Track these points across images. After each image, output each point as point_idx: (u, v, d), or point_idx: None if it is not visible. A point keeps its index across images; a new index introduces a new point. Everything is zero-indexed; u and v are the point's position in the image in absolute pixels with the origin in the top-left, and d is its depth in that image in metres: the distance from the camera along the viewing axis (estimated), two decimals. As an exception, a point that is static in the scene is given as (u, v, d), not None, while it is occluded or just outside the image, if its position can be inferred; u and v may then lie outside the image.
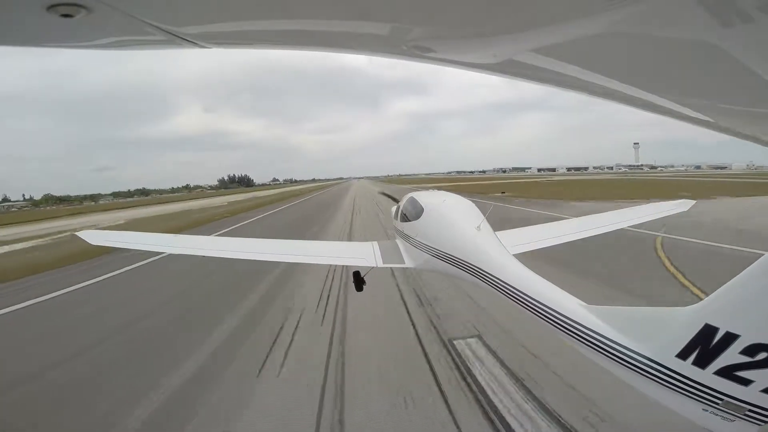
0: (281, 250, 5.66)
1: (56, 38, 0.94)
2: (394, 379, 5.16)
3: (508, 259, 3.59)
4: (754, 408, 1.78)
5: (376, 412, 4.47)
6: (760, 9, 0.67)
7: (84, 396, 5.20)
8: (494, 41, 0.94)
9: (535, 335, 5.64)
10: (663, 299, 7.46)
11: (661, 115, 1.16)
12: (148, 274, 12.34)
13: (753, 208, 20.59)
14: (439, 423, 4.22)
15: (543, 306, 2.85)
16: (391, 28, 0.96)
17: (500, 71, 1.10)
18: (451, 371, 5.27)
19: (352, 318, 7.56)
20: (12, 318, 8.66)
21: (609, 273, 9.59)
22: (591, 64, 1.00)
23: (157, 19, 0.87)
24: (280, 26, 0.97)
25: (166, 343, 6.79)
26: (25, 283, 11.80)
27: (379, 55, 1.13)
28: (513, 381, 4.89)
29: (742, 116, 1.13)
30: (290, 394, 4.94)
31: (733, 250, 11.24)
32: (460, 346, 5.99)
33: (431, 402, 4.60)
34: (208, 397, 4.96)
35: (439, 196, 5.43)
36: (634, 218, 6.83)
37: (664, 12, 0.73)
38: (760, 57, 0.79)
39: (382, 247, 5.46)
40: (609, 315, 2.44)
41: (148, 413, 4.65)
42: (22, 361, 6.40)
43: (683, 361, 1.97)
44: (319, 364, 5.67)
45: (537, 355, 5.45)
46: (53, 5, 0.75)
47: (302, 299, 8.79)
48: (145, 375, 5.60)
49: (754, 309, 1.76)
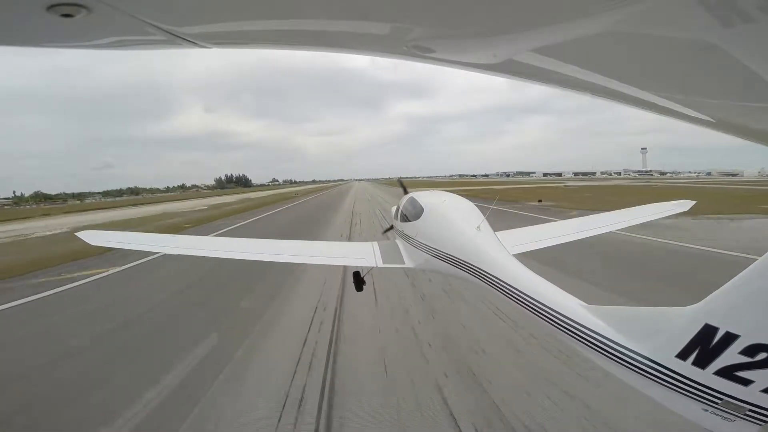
0: (281, 251, 5.66)
1: (56, 38, 0.94)
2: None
3: (508, 259, 3.59)
4: (754, 408, 1.78)
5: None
6: (760, 9, 0.67)
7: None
8: (494, 41, 0.94)
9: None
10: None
11: (662, 116, 1.16)
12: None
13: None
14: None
15: (543, 306, 2.85)
16: (392, 28, 0.96)
17: (500, 71, 1.10)
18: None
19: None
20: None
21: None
22: (591, 64, 1.00)
23: (158, 19, 0.87)
24: (280, 26, 0.97)
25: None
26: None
27: (380, 55, 1.12)
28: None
29: (743, 116, 1.13)
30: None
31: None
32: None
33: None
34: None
35: (439, 196, 5.43)
36: (635, 218, 6.82)
37: (665, 12, 0.73)
38: (760, 57, 0.79)
39: (382, 247, 5.46)
40: (609, 315, 2.44)
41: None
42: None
43: (683, 361, 1.97)
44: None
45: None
46: (53, 5, 0.75)
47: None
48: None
49: (754, 309, 1.76)
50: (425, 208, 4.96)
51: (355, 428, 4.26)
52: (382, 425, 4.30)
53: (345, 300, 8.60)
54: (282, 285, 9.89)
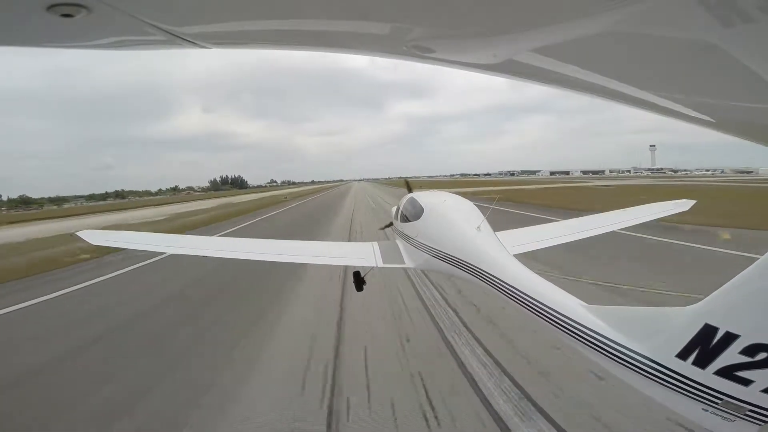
0: (281, 251, 5.66)
1: (56, 38, 0.94)
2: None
3: (509, 259, 3.59)
4: (754, 408, 1.78)
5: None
6: (761, 9, 0.67)
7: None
8: (494, 41, 0.94)
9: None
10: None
11: (662, 116, 1.16)
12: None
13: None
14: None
15: (543, 306, 2.85)
16: (392, 28, 0.95)
17: (501, 71, 1.10)
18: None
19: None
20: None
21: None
22: (591, 64, 1.00)
23: (158, 19, 0.87)
24: (280, 26, 0.97)
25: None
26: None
27: (380, 55, 1.12)
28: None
29: (743, 116, 1.13)
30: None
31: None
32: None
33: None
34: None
35: (440, 196, 5.42)
36: (635, 218, 6.80)
37: (665, 12, 0.73)
38: (760, 57, 0.79)
39: (382, 248, 5.46)
40: (609, 315, 2.44)
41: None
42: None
43: (683, 361, 1.97)
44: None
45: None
46: (53, 5, 0.75)
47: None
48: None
49: (754, 309, 1.75)
50: (425, 209, 4.96)
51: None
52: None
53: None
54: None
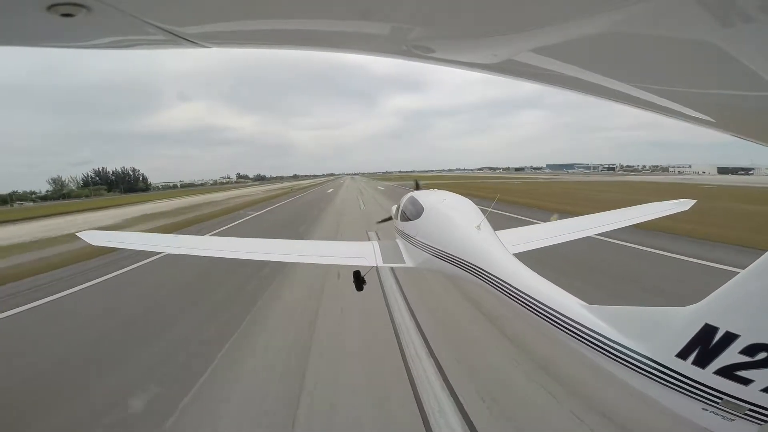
0: (280, 250, 5.67)
1: (56, 38, 0.94)
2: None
3: (509, 258, 3.59)
4: (754, 407, 1.78)
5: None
6: (760, 9, 0.67)
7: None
8: (494, 41, 0.94)
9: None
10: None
11: (662, 115, 1.16)
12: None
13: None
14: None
15: (543, 306, 2.84)
16: (392, 28, 0.95)
17: (501, 71, 1.10)
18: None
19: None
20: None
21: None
22: (591, 64, 1.00)
23: (158, 18, 0.87)
24: (280, 26, 0.97)
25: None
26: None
27: (380, 55, 1.12)
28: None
29: (743, 116, 1.13)
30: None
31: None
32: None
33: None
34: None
35: (440, 195, 5.42)
36: (635, 217, 6.80)
37: (665, 12, 0.73)
38: (760, 57, 0.79)
39: (382, 247, 5.46)
40: (609, 315, 2.44)
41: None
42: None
43: (683, 360, 1.97)
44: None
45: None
46: (53, 5, 0.75)
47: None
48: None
49: (754, 309, 1.76)
50: (425, 207, 4.96)
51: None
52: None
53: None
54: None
